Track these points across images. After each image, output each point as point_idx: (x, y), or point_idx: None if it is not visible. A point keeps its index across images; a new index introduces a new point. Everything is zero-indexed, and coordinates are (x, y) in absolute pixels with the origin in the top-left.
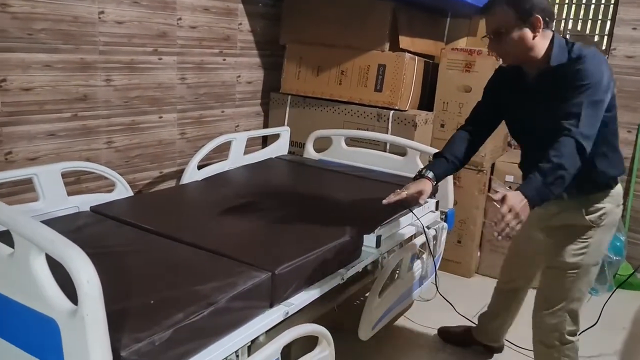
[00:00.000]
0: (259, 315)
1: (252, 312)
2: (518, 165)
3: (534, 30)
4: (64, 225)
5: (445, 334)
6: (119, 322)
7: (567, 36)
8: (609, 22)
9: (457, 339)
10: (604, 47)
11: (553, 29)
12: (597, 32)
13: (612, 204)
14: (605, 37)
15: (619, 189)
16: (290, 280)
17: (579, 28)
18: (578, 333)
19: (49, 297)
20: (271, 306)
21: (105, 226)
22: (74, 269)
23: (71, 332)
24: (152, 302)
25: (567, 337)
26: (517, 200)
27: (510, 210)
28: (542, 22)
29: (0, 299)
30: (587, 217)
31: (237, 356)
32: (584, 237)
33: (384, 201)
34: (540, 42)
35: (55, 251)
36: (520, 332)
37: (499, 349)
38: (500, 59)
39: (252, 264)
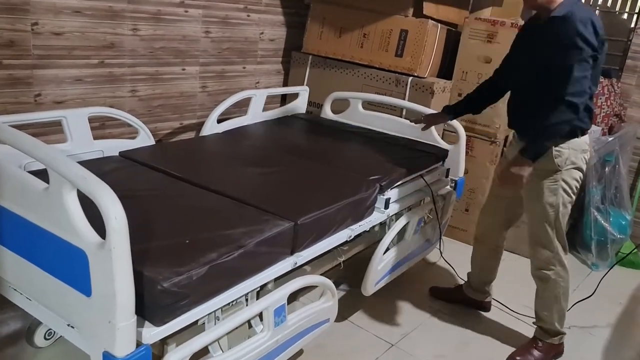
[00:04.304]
0: (281, 260)
1: (275, 257)
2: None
3: None
4: (96, 168)
5: (435, 290)
6: (159, 257)
7: (597, 11)
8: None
9: (446, 294)
10: (632, 25)
11: None
12: (627, 9)
13: (575, 150)
14: (635, 15)
15: (585, 139)
16: (311, 230)
17: (608, 4)
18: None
19: (79, 230)
20: (292, 253)
21: (136, 171)
22: (104, 205)
23: (99, 262)
24: (187, 241)
25: (563, 258)
26: (517, 167)
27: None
28: None
29: (35, 229)
30: (555, 160)
31: (247, 299)
32: (553, 179)
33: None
34: None
35: (87, 188)
36: (506, 293)
37: (486, 307)
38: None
39: (276, 214)
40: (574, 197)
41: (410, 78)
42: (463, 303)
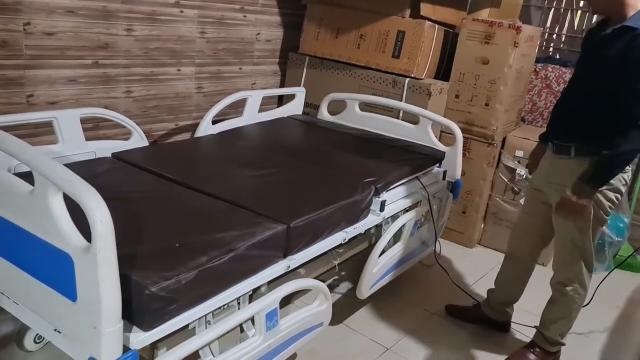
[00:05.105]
0: (273, 264)
1: (268, 261)
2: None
3: None
4: (87, 169)
5: (452, 308)
6: (148, 261)
7: None
8: None
9: (463, 313)
10: None
11: None
12: None
13: None
14: None
15: None
16: (304, 233)
17: None
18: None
19: (64, 233)
20: (284, 257)
21: (128, 172)
22: (89, 209)
23: (84, 266)
24: (177, 245)
25: (585, 278)
26: (579, 196)
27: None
28: None
29: (20, 232)
30: None
31: (239, 303)
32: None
33: None
34: (634, 1)
35: (73, 191)
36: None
37: (505, 327)
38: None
39: (268, 216)
40: (607, 218)
41: (407, 79)
42: (480, 322)
